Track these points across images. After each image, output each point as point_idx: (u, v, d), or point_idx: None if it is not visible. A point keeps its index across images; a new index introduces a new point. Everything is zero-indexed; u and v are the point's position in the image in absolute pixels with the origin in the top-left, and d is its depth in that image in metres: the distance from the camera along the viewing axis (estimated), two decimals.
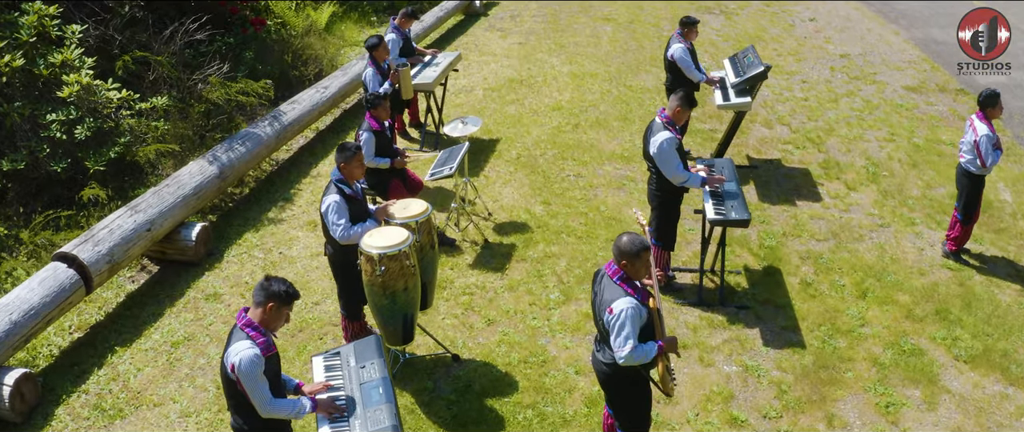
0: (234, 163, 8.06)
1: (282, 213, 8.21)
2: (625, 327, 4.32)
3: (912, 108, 11.06)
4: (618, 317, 4.33)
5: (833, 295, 7.07)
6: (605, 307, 4.39)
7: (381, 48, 8.34)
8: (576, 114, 10.64)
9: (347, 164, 5.60)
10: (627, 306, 4.34)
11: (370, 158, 7.20)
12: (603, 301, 4.43)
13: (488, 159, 9.39)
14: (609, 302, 4.38)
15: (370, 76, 8.32)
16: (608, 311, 4.36)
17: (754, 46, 9.22)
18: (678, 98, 6.41)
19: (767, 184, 8.95)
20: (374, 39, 8.38)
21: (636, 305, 4.38)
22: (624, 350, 4.34)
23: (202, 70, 9.44)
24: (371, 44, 8.38)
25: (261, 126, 8.72)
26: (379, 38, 8.42)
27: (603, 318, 4.41)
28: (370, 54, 8.38)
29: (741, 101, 8.58)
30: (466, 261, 7.42)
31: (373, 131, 7.19)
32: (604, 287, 4.46)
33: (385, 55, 8.42)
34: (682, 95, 6.41)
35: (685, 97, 6.41)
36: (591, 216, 8.19)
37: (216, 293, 6.96)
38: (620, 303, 4.35)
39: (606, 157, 9.48)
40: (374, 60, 8.37)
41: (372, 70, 8.33)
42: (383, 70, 8.41)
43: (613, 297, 4.39)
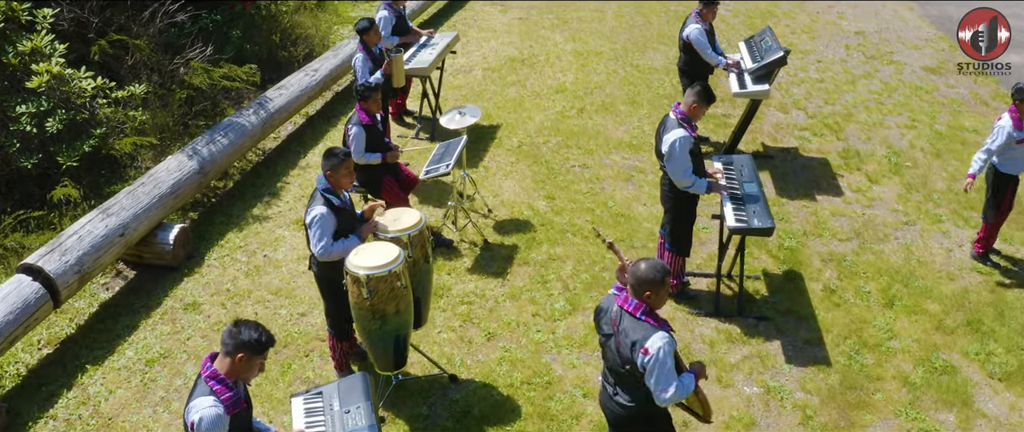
0: (216, 157, 7.52)
1: (268, 210, 7.69)
2: (665, 365, 3.87)
3: (932, 91, 10.48)
4: (656, 357, 3.86)
5: (858, 303, 6.59)
6: (637, 349, 3.90)
7: (372, 32, 7.75)
8: (581, 97, 10.07)
9: (334, 172, 5.08)
10: (663, 343, 3.87)
11: (360, 154, 6.68)
12: (631, 343, 3.93)
13: (488, 148, 8.85)
14: (641, 343, 3.89)
15: (360, 62, 7.73)
16: (643, 352, 3.88)
17: (771, 28, 8.63)
18: (695, 93, 5.86)
19: (784, 176, 8.43)
20: (364, 22, 7.79)
21: (670, 339, 3.92)
22: (669, 392, 3.88)
23: (184, 53, 8.85)
24: (361, 27, 7.79)
25: (245, 115, 8.16)
26: (370, 21, 7.82)
27: (636, 360, 3.92)
28: (360, 39, 7.79)
29: (758, 89, 8.01)
30: (464, 265, 6.92)
31: (363, 125, 6.66)
32: (626, 327, 3.97)
33: (377, 39, 7.83)
34: (699, 90, 5.87)
35: (702, 92, 5.86)
36: (598, 213, 7.67)
37: (195, 302, 6.48)
38: (655, 342, 3.88)
39: (613, 145, 8.94)
40: (365, 45, 7.78)
41: (362, 56, 7.74)
42: (375, 56, 7.82)
43: (644, 336, 3.91)
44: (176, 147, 8.18)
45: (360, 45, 7.78)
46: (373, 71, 7.72)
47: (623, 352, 4.01)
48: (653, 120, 9.53)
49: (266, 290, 6.59)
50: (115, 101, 7.78)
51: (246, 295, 6.53)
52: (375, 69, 7.74)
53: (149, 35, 8.65)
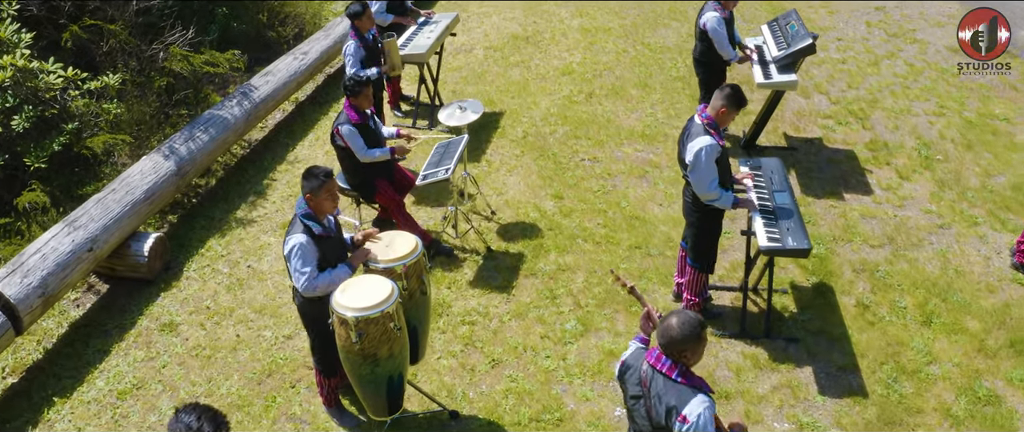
0: (195, 156, 6.93)
1: (252, 211, 7.12)
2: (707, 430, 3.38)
3: (958, 74, 9.82)
4: (695, 425, 3.36)
5: (894, 321, 6.06)
6: (674, 416, 3.40)
7: (365, 17, 7.08)
8: (589, 80, 9.43)
9: (314, 195, 4.50)
10: (702, 409, 3.38)
11: (364, 152, 6.10)
12: (666, 408, 3.42)
13: (490, 138, 8.25)
14: (679, 410, 3.39)
15: (351, 51, 7.08)
16: (681, 420, 3.37)
17: (796, 11, 7.96)
18: (724, 96, 5.26)
19: (809, 172, 7.84)
20: (356, 6, 7.11)
21: (710, 403, 3.42)
22: None
23: (164, 37, 8.19)
24: (353, 11, 7.12)
25: (228, 107, 7.54)
26: (363, 5, 7.15)
27: (673, 428, 3.42)
28: (352, 24, 7.13)
29: (784, 79, 7.38)
30: (466, 277, 6.37)
31: (354, 124, 6.06)
32: (660, 390, 3.45)
33: (370, 25, 7.16)
34: (729, 93, 5.26)
35: (732, 96, 5.26)
36: (611, 215, 7.10)
37: (172, 322, 5.94)
38: (695, 407, 3.38)
39: (625, 135, 8.33)
40: (357, 31, 7.12)
41: (354, 43, 7.08)
42: (368, 43, 7.16)
43: (682, 401, 3.40)
44: (154, 141, 7.58)
45: (351, 31, 7.12)
46: (366, 60, 7.07)
47: (656, 418, 3.50)
48: (666, 106, 8.91)
49: (249, 308, 6.05)
50: (88, 93, 7.16)
51: (227, 314, 6.00)
52: (368, 58, 7.09)
53: (125, 19, 7.98)
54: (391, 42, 7.12)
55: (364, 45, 7.09)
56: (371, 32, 7.20)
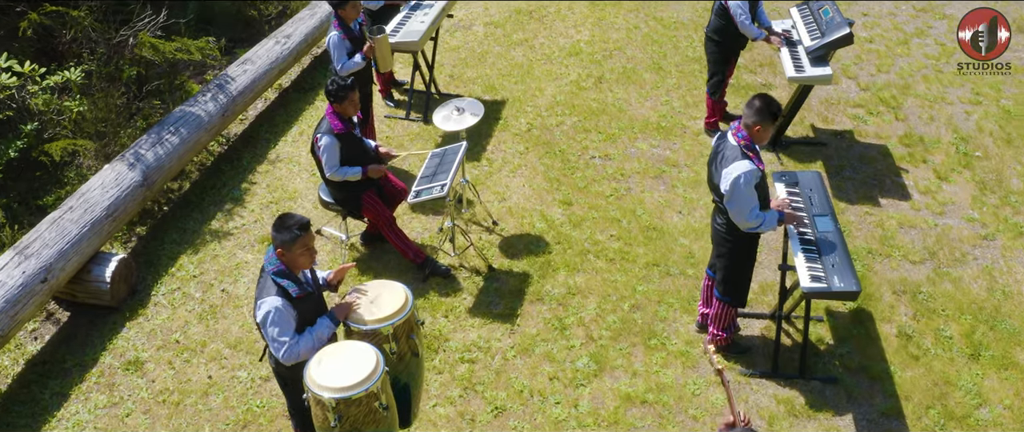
0: (163, 162, 6.23)
1: (229, 222, 6.45)
2: None
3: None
4: None
5: (940, 355, 5.46)
6: None
7: (349, 6, 6.28)
8: (598, 62, 8.67)
9: (287, 250, 3.83)
10: None
11: (334, 170, 5.44)
12: None
13: (492, 132, 7.54)
14: None
15: (335, 42, 6.30)
16: None
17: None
18: (755, 112, 4.57)
19: (840, 171, 7.15)
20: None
21: None
22: None
23: (134, 21, 7.40)
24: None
25: (201, 102, 6.80)
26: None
27: None
28: (335, 13, 6.35)
29: (818, 73, 6.65)
30: (464, 302, 5.75)
31: (336, 134, 5.37)
32: None
33: (355, 14, 6.36)
34: (760, 107, 4.57)
35: (764, 110, 4.57)
36: (626, 224, 6.44)
37: (138, 359, 5.33)
38: None
39: (638, 127, 7.63)
40: (341, 20, 6.34)
41: (337, 34, 6.30)
42: (354, 34, 6.38)
43: None
44: (124, 137, 6.87)
45: (335, 21, 6.34)
46: (351, 53, 6.32)
47: None
48: (682, 92, 8.18)
49: (223, 341, 5.43)
50: (49, 89, 6.43)
51: (198, 349, 5.38)
52: (353, 52, 6.33)
53: (90, 5, 7.20)
54: (382, 39, 6.34)
55: (349, 36, 6.31)
56: (357, 23, 6.41)
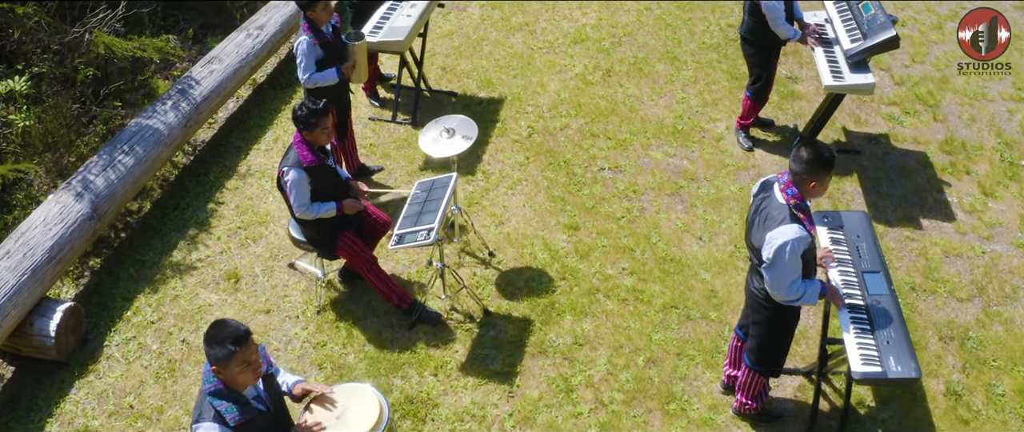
0: (115, 189, 5.49)
1: (192, 253, 5.74)
2: None
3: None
4: None
5: (992, 417, 4.84)
6: None
7: (320, 7, 5.41)
8: (606, 51, 7.84)
9: (223, 369, 3.12)
10: None
11: (303, 208, 4.71)
12: None
13: (488, 137, 6.77)
14: None
15: (304, 49, 5.43)
16: None
17: None
18: (806, 164, 3.83)
19: (877, 185, 6.42)
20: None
21: None
22: None
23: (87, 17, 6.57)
24: None
25: (159, 113, 6.02)
26: None
27: None
28: (304, 15, 5.49)
29: (859, 81, 5.87)
30: (456, 356, 5.08)
31: (305, 168, 4.63)
32: None
33: (327, 16, 5.48)
34: (811, 157, 3.82)
35: (815, 160, 3.82)
36: (639, 255, 5.74)
37: (86, 428, 4.67)
38: None
39: (652, 131, 6.86)
40: (311, 24, 5.48)
41: (307, 40, 5.43)
42: (327, 39, 5.53)
43: None
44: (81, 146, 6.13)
45: (304, 24, 5.49)
46: (322, 64, 5.48)
47: None
48: (700, 88, 7.38)
49: (181, 407, 4.78)
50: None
51: (154, 416, 4.73)
52: (327, 59, 5.49)
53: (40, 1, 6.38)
54: (359, 46, 5.49)
55: (321, 42, 5.47)
56: (329, 26, 5.56)
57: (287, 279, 5.54)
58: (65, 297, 5.42)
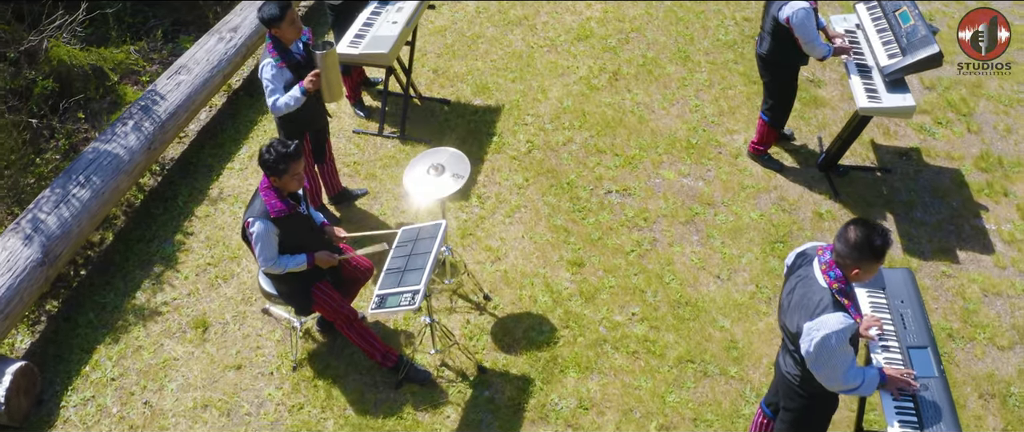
0: (69, 228, 4.93)
1: (157, 295, 5.21)
2: None
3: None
4: None
5: None
6: None
7: (286, 23, 4.73)
8: (613, 50, 7.22)
9: None
10: None
11: (270, 262, 4.18)
12: None
13: (484, 153, 6.20)
14: None
15: (269, 75, 4.78)
16: None
17: None
18: (854, 248, 3.27)
19: (910, 211, 5.87)
20: (272, 7, 4.73)
21: None
22: None
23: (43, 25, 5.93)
24: (268, 15, 4.69)
25: (119, 136, 5.43)
26: (282, 4, 4.73)
27: None
28: (268, 33, 4.84)
29: (898, 104, 5.28)
30: (448, 422, 4.58)
31: (274, 218, 4.08)
32: None
33: (295, 34, 4.81)
34: (861, 240, 3.26)
35: (865, 244, 3.26)
36: (651, 297, 5.21)
37: None
38: None
39: (664, 146, 6.28)
40: (276, 43, 4.83)
41: (272, 62, 4.78)
42: (296, 61, 4.87)
43: None
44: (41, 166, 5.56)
45: (268, 42, 4.85)
46: (291, 87, 4.87)
47: None
48: (715, 94, 6.78)
49: None
50: None
51: None
52: (295, 83, 4.88)
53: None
54: (329, 55, 4.84)
55: (289, 63, 4.83)
56: (301, 41, 4.92)
57: (260, 327, 5.02)
58: (19, 347, 4.91)
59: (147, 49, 6.85)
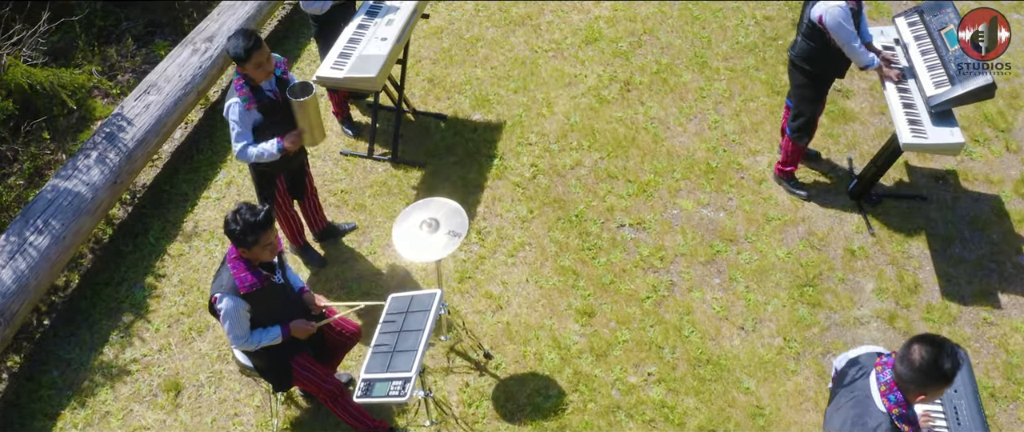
0: (27, 281, 4.45)
1: (126, 349, 4.75)
2: None
3: None
4: None
5: None
6: None
7: (254, 62, 4.11)
8: (624, 54, 6.64)
9: None
10: None
11: (239, 340, 3.72)
12: None
13: (483, 180, 5.68)
14: None
15: (236, 115, 4.19)
16: None
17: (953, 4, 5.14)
18: (920, 372, 2.80)
19: (948, 246, 5.39)
20: (239, 43, 4.06)
21: None
22: None
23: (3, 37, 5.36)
24: (236, 51, 4.07)
25: (80, 170, 4.91)
26: (252, 39, 4.07)
27: None
28: (237, 69, 4.25)
29: (946, 141, 4.75)
30: None
31: (244, 294, 3.59)
32: None
33: (265, 73, 4.18)
34: (927, 364, 2.78)
35: (932, 368, 2.78)
36: (668, 354, 4.75)
37: None
38: None
39: (681, 169, 5.77)
40: (246, 81, 4.23)
41: (239, 104, 4.19)
42: (265, 101, 4.25)
43: None
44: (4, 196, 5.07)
45: (237, 79, 4.27)
46: (264, 131, 4.27)
47: None
48: (735, 106, 6.25)
49: None
50: None
51: None
52: (267, 126, 4.27)
53: None
54: (308, 104, 4.24)
55: (259, 103, 4.24)
56: (270, 84, 4.30)
57: (238, 390, 4.57)
58: None
59: (117, 57, 6.27)
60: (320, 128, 4.39)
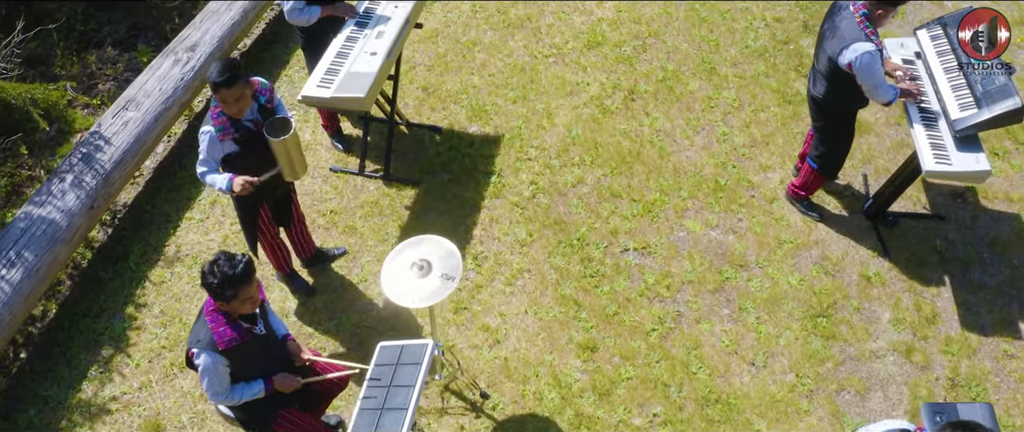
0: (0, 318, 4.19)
1: (106, 385, 4.52)
2: None
3: None
4: None
5: None
6: None
7: (234, 92, 3.80)
8: (628, 61, 6.34)
9: None
10: None
11: (218, 396, 3.50)
12: None
13: (479, 200, 5.42)
14: None
15: (205, 143, 3.91)
16: None
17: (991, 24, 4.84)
18: None
19: (967, 270, 5.14)
20: (215, 72, 3.75)
21: None
22: None
23: None
24: (217, 78, 3.75)
25: (54, 196, 4.64)
26: (231, 68, 3.76)
27: None
28: (215, 96, 3.92)
29: (970, 167, 4.47)
30: None
31: (223, 350, 3.35)
32: None
33: (240, 106, 3.88)
34: None
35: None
36: (675, 394, 4.52)
37: None
38: None
39: (688, 187, 5.50)
40: (223, 115, 3.96)
41: (212, 132, 3.87)
42: (242, 134, 3.94)
43: None
44: None
45: (212, 108, 3.94)
46: (235, 162, 3.99)
47: None
48: (745, 117, 5.97)
49: None
50: None
51: None
52: (244, 157, 3.99)
53: None
54: (287, 142, 3.94)
55: (237, 134, 3.95)
56: (260, 101, 4.04)
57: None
58: None
59: (98, 64, 5.98)
60: (301, 162, 4.11)
